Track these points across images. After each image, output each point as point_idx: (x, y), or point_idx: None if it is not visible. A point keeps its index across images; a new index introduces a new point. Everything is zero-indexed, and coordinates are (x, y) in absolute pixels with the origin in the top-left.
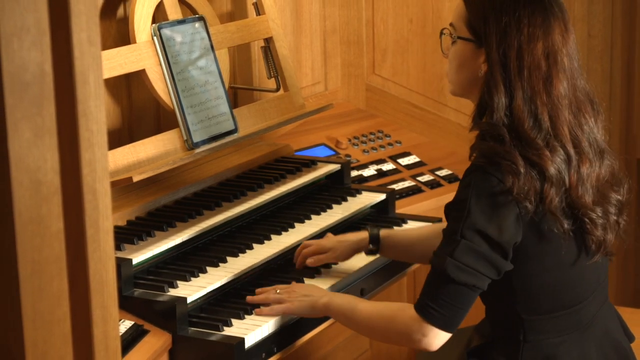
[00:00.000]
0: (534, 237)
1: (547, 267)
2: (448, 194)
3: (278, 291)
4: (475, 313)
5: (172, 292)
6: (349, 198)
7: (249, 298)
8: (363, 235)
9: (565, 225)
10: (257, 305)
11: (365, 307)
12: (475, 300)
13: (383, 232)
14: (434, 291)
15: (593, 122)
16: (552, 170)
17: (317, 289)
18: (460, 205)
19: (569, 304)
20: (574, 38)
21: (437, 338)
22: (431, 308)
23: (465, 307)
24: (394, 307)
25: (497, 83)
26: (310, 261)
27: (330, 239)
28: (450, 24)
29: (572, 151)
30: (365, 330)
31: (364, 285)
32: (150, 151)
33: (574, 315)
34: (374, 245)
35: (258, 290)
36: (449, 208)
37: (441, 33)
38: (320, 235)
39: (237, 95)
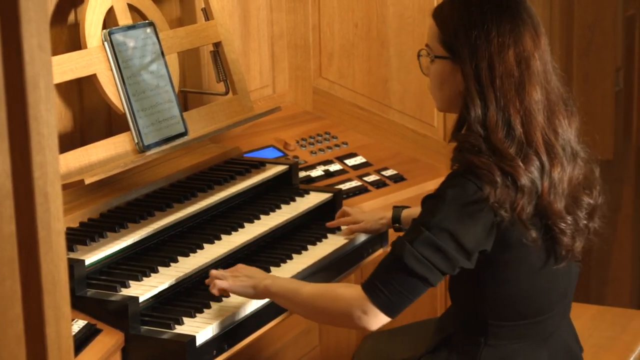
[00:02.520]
0: (503, 247)
1: (519, 275)
2: (394, 193)
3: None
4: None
5: (125, 291)
6: (297, 198)
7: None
8: (389, 215)
9: (534, 235)
10: (207, 304)
11: (308, 287)
12: (423, 293)
13: (404, 212)
14: (385, 274)
15: (566, 124)
16: (524, 180)
17: (260, 271)
18: (435, 201)
19: (537, 313)
20: (545, 41)
21: (377, 319)
22: (379, 290)
23: (412, 297)
24: (338, 285)
25: (472, 96)
26: (345, 232)
27: (363, 213)
28: (426, 45)
29: (544, 157)
30: (306, 310)
31: (313, 282)
32: (102, 154)
33: (539, 325)
34: (398, 224)
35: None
36: (425, 199)
37: (418, 55)
38: (269, 234)
39: (187, 98)
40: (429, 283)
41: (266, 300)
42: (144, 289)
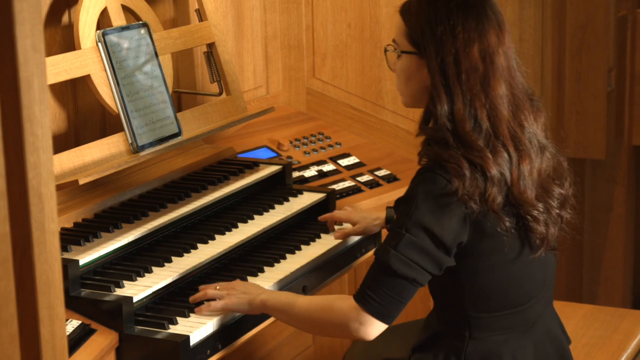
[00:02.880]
0: (479, 236)
1: (493, 265)
2: (387, 193)
3: (217, 287)
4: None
5: (119, 291)
6: (290, 198)
7: (191, 298)
8: (382, 215)
9: (507, 224)
10: (201, 304)
11: (303, 300)
12: (414, 295)
13: None
14: (375, 282)
15: (532, 119)
16: (493, 170)
17: (256, 286)
18: (408, 201)
19: (516, 303)
20: (510, 37)
21: (374, 327)
22: (370, 298)
23: (403, 300)
24: (332, 298)
25: (438, 90)
26: (337, 235)
27: (359, 213)
28: (393, 40)
29: (512, 149)
30: (303, 323)
31: (306, 282)
32: (96, 154)
33: (520, 315)
34: (390, 224)
35: (201, 287)
36: (398, 202)
37: (385, 50)
38: (263, 234)
39: (181, 99)
40: (417, 283)
41: None
42: (138, 289)
